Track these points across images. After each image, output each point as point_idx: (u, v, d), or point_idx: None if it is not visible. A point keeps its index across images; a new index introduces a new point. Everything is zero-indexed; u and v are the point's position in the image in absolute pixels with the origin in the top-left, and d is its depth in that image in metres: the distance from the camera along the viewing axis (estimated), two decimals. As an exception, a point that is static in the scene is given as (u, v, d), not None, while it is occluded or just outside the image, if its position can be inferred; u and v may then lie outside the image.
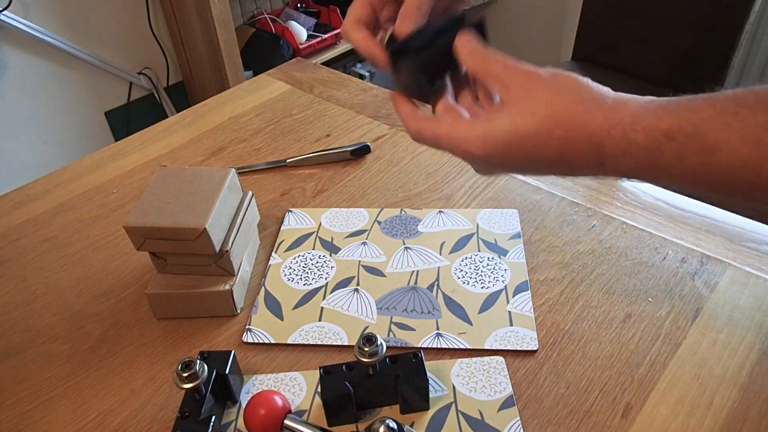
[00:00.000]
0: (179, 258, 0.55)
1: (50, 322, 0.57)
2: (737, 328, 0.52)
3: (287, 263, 0.62)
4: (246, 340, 0.54)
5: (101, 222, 0.69)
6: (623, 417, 0.46)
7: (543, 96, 0.39)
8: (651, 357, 0.50)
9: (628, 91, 0.41)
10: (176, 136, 0.84)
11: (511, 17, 2.38)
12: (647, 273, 0.58)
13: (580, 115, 0.38)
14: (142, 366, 0.53)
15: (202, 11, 1.80)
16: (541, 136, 0.39)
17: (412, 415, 0.47)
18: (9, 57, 1.72)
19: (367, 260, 0.61)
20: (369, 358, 0.44)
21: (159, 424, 0.48)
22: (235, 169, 0.59)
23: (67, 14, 1.78)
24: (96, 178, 0.77)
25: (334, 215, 0.67)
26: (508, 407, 0.47)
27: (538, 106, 0.39)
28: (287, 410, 0.46)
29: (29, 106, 1.81)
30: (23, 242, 0.67)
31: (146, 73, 2.01)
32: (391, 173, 0.74)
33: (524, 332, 0.53)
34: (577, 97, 0.39)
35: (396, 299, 0.57)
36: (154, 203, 0.54)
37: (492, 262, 0.60)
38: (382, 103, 0.87)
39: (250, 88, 0.94)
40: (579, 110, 0.38)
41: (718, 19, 1.42)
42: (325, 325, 0.55)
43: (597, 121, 0.38)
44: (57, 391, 0.51)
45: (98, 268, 0.63)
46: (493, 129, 0.40)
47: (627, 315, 0.54)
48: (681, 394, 0.47)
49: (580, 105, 0.38)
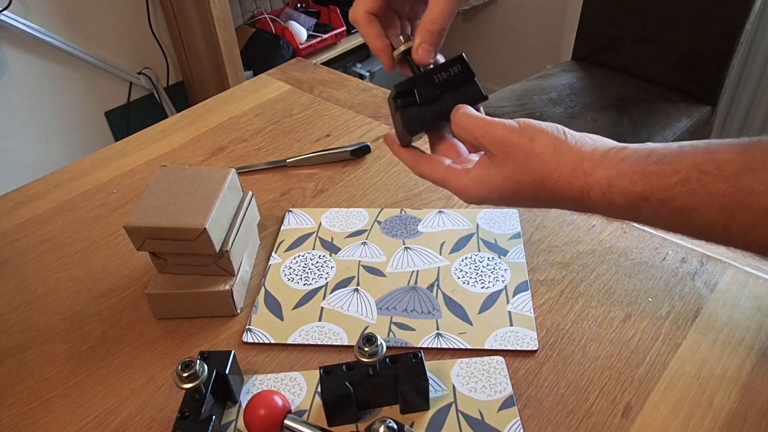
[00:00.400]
0: (179, 258, 0.55)
1: (50, 322, 0.57)
2: (737, 328, 0.52)
3: (287, 263, 0.62)
4: (246, 340, 0.54)
5: (101, 222, 0.69)
6: (623, 417, 0.46)
7: (524, 165, 0.43)
8: (651, 357, 0.50)
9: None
10: (176, 136, 0.84)
11: (511, 17, 2.38)
12: (647, 273, 0.58)
13: (561, 183, 0.42)
14: (142, 366, 0.53)
15: (202, 11, 1.80)
16: (527, 195, 0.44)
17: (412, 415, 0.47)
18: (9, 57, 1.72)
19: (367, 260, 0.61)
20: (369, 358, 0.44)
21: (159, 424, 0.48)
22: (235, 169, 0.59)
23: (67, 14, 1.78)
24: (96, 178, 0.77)
25: (334, 215, 0.67)
26: (508, 407, 0.47)
27: (521, 174, 0.43)
28: (287, 410, 0.46)
29: (29, 106, 1.81)
30: (23, 242, 0.67)
31: (146, 73, 2.01)
32: (391, 173, 0.74)
33: (524, 332, 0.53)
34: (555, 166, 0.42)
35: (396, 299, 0.57)
36: (154, 203, 0.54)
37: (492, 262, 0.60)
38: (382, 103, 0.87)
39: (250, 88, 0.94)
40: (559, 179, 0.42)
41: (718, 19, 1.42)
42: (325, 325, 0.55)
43: (577, 186, 0.41)
44: (57, 391, 0.51)
45: (98, 268, 0.63)
46: (486, 183, 0.44)
47: (627, 315, 0.54)
48: (681, 394, 0.47)
49: (558, 174, 0.42)
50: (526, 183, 0.43)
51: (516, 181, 0.43)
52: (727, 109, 1.90)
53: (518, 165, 0.43)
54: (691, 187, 0.37)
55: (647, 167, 0.39)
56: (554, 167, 0.42)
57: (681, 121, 1.45)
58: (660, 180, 0.38)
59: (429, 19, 0.47)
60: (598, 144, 0.42)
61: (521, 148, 0.42)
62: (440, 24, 0.47)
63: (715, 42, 1.43)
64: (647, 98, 1.50)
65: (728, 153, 0.36)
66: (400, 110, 0.47)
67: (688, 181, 0.37)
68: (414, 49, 0.48)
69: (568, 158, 0.41)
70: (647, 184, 0.39)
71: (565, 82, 1.59)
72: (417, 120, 0.47)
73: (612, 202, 0.40)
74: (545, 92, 1.56)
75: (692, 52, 1.48)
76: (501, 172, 0.43)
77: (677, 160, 0.38)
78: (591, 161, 0.41)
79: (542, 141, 0.42)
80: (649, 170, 0.39)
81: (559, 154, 0.42)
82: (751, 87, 1.82)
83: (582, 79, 1.61)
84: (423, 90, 0.47)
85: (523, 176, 0.43)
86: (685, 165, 0.37)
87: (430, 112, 0.47)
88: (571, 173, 0.41)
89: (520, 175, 0.43)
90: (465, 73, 0.47)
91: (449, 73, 0.47)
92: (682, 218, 0.38)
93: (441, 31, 0.47)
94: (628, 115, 1.45)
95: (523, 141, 0.42)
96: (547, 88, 1.57)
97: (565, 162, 0.41)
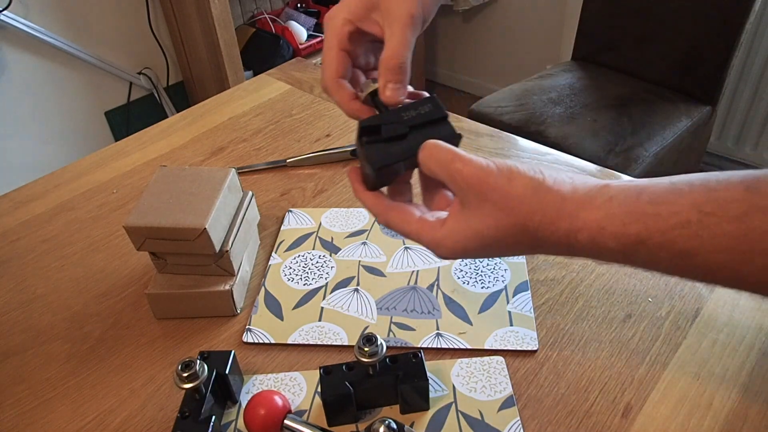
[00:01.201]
0: (179, 258, 0.55)
1: (50, 322, 0.57)
2: (737, 328, 0.52)
3: (287, 263, 0.62)
4: (246, 340, 0.54)
5: (101, 222, 0.69)
6: (623, 417, 0.46)
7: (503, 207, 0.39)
8: (651, 357, 0.50)
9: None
10: (176, 136, 0.84)
11: (511, 17, 2.38)
12: (647, 273, 0.58)
13: (545, 226, 0.38)
14: (142, 366, 0.53)
15: (202, 11, 1.80)
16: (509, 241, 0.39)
17: (412, 415, 0.47)
18: (9, 57, 1.72)
19: (367, 260, 0.61)
20: (369, 358, 0.44)
21: (159, 424, 0.48)
22: (235, 169, 0.59)
23: (67, 14, 1.78)
24: (96, 178, 0.77)
25: (334, 215, 0.67)
26: (508, 407, 0.47)
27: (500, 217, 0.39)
28: (287, 410, 0.46)
29: (29, 106, 1.81)
30: (23, 242, 0.67)
31: (146, 73, 2.01)
32: (391, 173, 0.73)
33: (524, 332, 0.53)
34: (536, 206, 0.38)
35: (396, 299, 0.57)
36: (154, 203, 0.54)
37: (492, 262, 0.60)
38: (382, 103, 0.87)
39: (250, 88, 0.94)
40: (542, 221, 0.38)
41: (718, 19, 1.42)
42: (325, 325, 0.55)
43: (562, 229, 0.38)
44: (57, 391, 0.51)
45: (98, 268, 0.63)
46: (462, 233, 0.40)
47: (627, 315, 0.54)
48: (681, 394, 0.47)
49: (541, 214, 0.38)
50: (507, 227, 0.39)
51: (495, 226, 0.39)
52: (727, 109, 1.90)
53: (496, 207, 0.39)
54: (693, 230, 0.34)
55: (639, 207, 0.35)
56: (536, 208, 0.38)
57: (681, 121, 1.45)
58: (657, 222, 0.35)
59: (387, 57, 0.44)
60: (578, 182, 0.39)
61: (498, 189, 0.38)
62: (399, 59, 0.44)
63: (715, 42, 1.44)
64: (647, 98, 1.51)
65: (731, 191, 0.33)
66: (365, 146, 0.44)
67: (689, 223, 0.34)
68: (380, 90, 0.45)
69: (548, 199, 0.38)
70: (642, 226, 0.35)
71: (565, 82, 1.59)
72: (383, 155, 0.43)
73: (603, 246, 0.37)
74: (545, 92, 1.56)
75: (692, 52, 1.48)
76: (477, 216, 0.39)
77: (673, 200, 0.35)
78: (574, 202, 0.37)
79: (520, 181, 0.38)
80: (643, 211, 0.35)
81: (539, 194, 0.38)
82: (751, 87, 1.82)
83: (582, 79, 1.61)
84: (389, 126, 0.43)
85: (502, 219, 0.39)
86: (684, 205, 0.34)
87: (398, 148, 0.43)
88: (555, 215, 0.38)
89: (499, 218, 0.39)
90: (436, 111, 0.44)
91: (419, 112, 0.44)
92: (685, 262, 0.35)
93: (401, 66, 0.44)
94: (628, 115, 1.45)
95: (500, 181, 0.38)
96: (547, 88, 1.57)
97: (547, 203, 0.38)
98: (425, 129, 0.44)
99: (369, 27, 0.46)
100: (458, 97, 2.70)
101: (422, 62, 2.51)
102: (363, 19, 0.46)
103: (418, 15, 0.44)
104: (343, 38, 0.46)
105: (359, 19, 0.46)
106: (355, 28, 0.46)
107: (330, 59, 0.46)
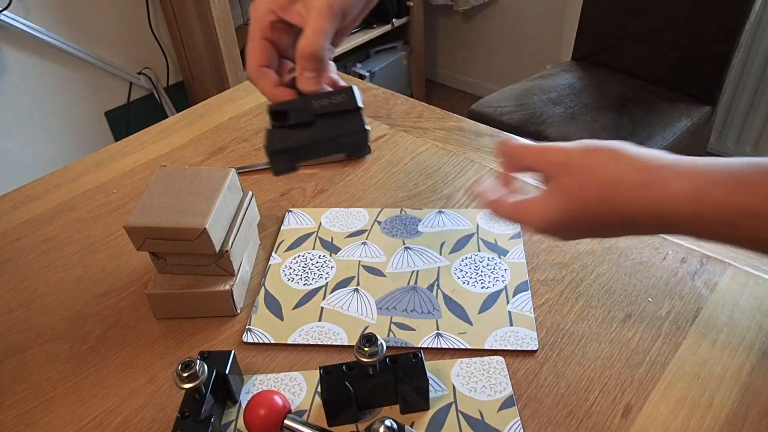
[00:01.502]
0: (179, 258, 0.55)
1: (50, 322, 0.57)
2: (737, 328, 0.52)
3: (287, 263, 0.62)
4: (246, 340, 0.54)
5: (101, 222, 0.69)
6: (623, 417, 0.46)
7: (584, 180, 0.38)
8: (651, 357, 0.50)
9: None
10: (176, 136, 0.84)
11: (511, 17, 2.38)
12: (647, 273, 0.58)
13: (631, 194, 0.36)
14: (142, 366, 0.53)
15: (202, 11, 1.80)
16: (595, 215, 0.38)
17: (412, 415, 0.47)
18: (9, 57, 1.72)
19: (367, 260, 0.61)
20: (369, 358, 0.44)
21: (159, 424, 0.48)
22: (235, 169, 0.59)
23: (67, 14, 1.78)
24: (96, 178, 0.77)
25: (334, 215, 0.67)
26: (508, 407, 0.47)
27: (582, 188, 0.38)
28: (287, 410, 0.46)
29: (29, 106, 1.81)
30: (23, 242, 0.67)
31: (146, 73, 2.01)
32: (391, 173, 0.74)
33: (524, 332, 0.53)
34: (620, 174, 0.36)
35: (396, 299, 0.57)
36: (154, 203, 0.54)
37: (492, 262, 0.60)
38: (382, 103, 0.87)
39: (250, 88, 0.94)
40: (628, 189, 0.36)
41: (718, 19, 1.42)
42: (325, 325, 0.55)
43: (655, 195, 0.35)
44: (57, 391, 0.51)
45: (98, 268, 0.63)
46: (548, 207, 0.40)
47: (627, 315, 0.54)
48: (681, 394, 0.47)
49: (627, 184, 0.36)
50: (590, 198, 0.38)
51: (579, 198, 0.38)
52: (727, 109, 1.90)
53: (576, 180, 0.38)
54: None
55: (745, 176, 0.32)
56: (620, 176, 0.36)
57: (681, 121, 1.45)
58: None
59: (302, 45, 0.44)
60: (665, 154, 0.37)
61: (578, 162, 0.39)
62: (313, 46, 0.43)
63: (715, 42, 1.44)
64: (647, 98, 1.51)
65: None
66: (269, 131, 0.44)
67: None
68: (297, 78, 0.45)
69: (633, 166, 0.36)
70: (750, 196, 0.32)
71: (565, 82, 1.59)
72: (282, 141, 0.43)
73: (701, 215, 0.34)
74: (545, 92, 1.56)
75: (692, 52, 1.48)
76: (563, 191, 0.39)
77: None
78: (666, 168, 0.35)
79: (600, 152, 0.38)
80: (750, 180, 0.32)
81: (620, 163, 0.37)
82: (751, 87, 1.82)
83: (582, 79, 1.61)
84: (297, 112, 0.43)
85: (584, 191, 0.38)
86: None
87: (300, 136, 0.43)
88: (644, 182, 0.35)
89: (581, 190, 0.38)
90: (349, 102, 0.43)
91: (332, 101, 0.44)
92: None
93: (316, 53, 0.44)
94: (628, 115, 1.45)
95: (580, 155, 0.39)
96: (547, 88, 1.57)
97: (631, 170, 0.36)
98: (333, 119, 0.43)
99: (292, 17, 0.46)
100: (458, 97, 2.70)
101: (422, 62, 2.51)
102: (286, 9, 0.46)
103: (336, 5, 0.44)
104: (266, 27, 0.46)
105: (282, 8, 0.46)
106: (277, 17, 0.46)
107: (253, 48, 0.47)
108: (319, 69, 0.45)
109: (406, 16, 2.36)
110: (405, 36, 2.45)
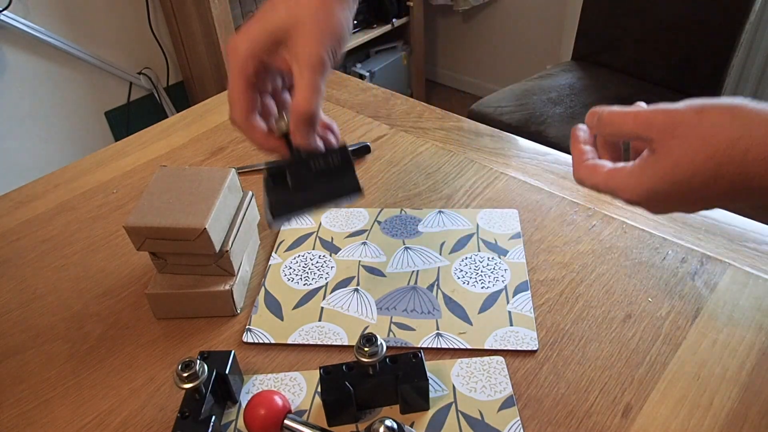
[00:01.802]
0: (179, 258, 0.55)
1: (50, 322, 0.57)
2: (737, 328, 0.52)
3: (287, 263, 0.62)
4: (246, 340, 0.54)
5: (101, 222, 0.69)
6: (623, 417, 0.46)
7: (694, 140, 0.34)
8: (651, 357, 0.50)
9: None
10: (176, 136, 0.84)
11: (511, 17, 2.38)
12: (647, 273, 0.58)
13: (755, 149, 0.32)
14: (142, 366, 0.53)
15: (202, 11, 1.80)
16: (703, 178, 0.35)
17: (412, 415, 0.47)
18: (9, 57, 1.72)
19: (367, 260, 0.61)
20: (369, 358, 0.44)
21: (159, 424, 0.48)
22: (235, 169, 0.59)
23: (67, 14, 1.78)
24: (96, 178, 0.77)
25: (334, 215, 0.67)
26: (508, 407, 0.47)
27: (693, 150, 0.34)
28: (287, 410, 0.46)
29: (29, 106, 1.82)
30: (23, 242, 0.67)
31: (146, 73, 2.01)
32: (391, 173, 0.74)
33: (524, 332, 0.53)
34: (740, 132, 0.33)
35: (396, 299, 0.57)
36: (154, 203, 0.54)
37: (492, 262, 0.60)
38: (382, 103, 0.88)
39: (250, 88, 0.94)
40: (751, 145, 0.32)
41: (718, 19, 1.42)
42: (325, 325, 0.55)
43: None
44: (57, 391, 0.51)
45: (98, 268, 0.63)
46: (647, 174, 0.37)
47: (627, 315, 0.54)
48: (681, 394, 0.47)
49: (748, 139, 0.33)
50: (701, 162, 0.34)
51: (687, 161, 0.34)
52: (727, 109, 1.89)
53: (686, 141, 0.34)
54: None
55: None
56: (739, 133, 0.32)
57: (681, 121, 1.45)
58: None
59: (296, 104, 0.44)
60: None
61: (687, 123, 0.35)
62: (310, 107, 0.44)
63: (715, 42, 1.44)
64: (647, 98, 1.50)
65: None
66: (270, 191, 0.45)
67: None
68: (291, 134, 0.45)
69: (755, 120, 0.32)
70: None
71: (565, 82, 1.59)
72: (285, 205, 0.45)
73: None
74: (545, 92, 1.56)
75: (692, 52, 1.48)
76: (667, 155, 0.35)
77: None
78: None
79: (713, 111, 0.34)
80: None
81: (739, 118, 0.33)
82: (751, 87, 1.82)
83: (582, 79, 1.61)
84: (296, 175, 0.44)
85: (694, 155, 0.34)
86: None
87: (300, 199, 0.44)
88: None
89: (690, 154, 0.34)
90: (344, 163, 0.45)
91: (327, 162, 0.45)
92: None
93: (310, 113, 0.44)
94: (628, 115, 1.45)
95: (688, 115, 0.35)
96: (547, 88, 1.57)
97: (754, 124, 0.32)
98: (331, 181, 0.45)
99: (276, 63, 0.46)
100: (458, 97, 2.70)
101: (422, 62, 2.52)
102: (269, 54, 0.45)
103: (327, 59, 0.44)
104: (249, 74, 0.45)
105: (266, 53, 0.45)
106: (260, 63, 0.45)
107: (237, 97, 0.46)
108: (313, 126, 0.45)
109: (406, 16, 2.36)
110: (405, 36, 2.45)
